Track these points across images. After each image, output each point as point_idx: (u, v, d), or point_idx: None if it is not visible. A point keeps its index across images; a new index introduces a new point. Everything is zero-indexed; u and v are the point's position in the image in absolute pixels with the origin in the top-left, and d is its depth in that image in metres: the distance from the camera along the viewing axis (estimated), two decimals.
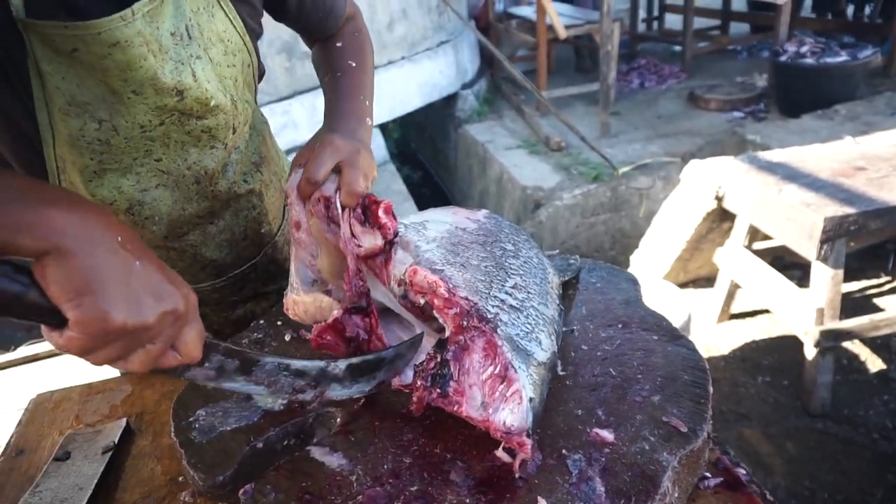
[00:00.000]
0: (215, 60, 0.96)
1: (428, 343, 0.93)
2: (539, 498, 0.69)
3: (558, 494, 0.70)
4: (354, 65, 1.14)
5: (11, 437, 1.08)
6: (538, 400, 0.74)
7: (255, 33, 1.08)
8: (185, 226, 1.07)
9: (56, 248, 0.56)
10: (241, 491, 0.74)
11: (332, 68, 1.15)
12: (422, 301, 0.82)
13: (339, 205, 0.86)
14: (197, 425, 0.87)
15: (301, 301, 0.92)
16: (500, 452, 0.75)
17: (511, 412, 0.71)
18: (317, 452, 0.80)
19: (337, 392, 0.81)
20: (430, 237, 0.91)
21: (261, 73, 1.18)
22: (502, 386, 0.73)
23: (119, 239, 0.62)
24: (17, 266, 0.58)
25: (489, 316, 0.77)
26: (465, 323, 0.76)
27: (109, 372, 1.31)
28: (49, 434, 1.06)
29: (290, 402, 0.88)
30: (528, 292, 0.87)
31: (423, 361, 0.78)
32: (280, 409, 0.89)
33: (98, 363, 0.63)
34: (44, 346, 2.62)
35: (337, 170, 0.89)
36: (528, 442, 0.70)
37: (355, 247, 0.84)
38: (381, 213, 0.82)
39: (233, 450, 0.82)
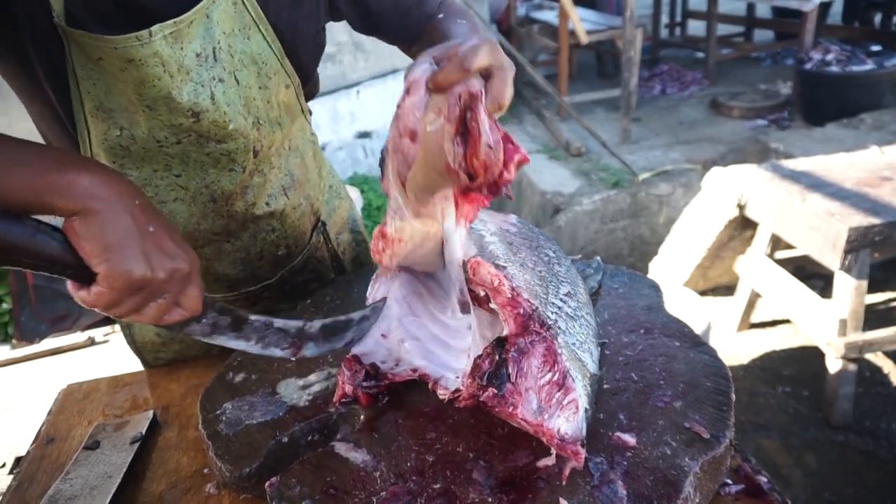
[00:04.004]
0: (244, 83, 0.95)
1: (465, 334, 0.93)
2: (561, 499, 0.70)
3: (580, 496, 0.70)
4: (463, 22, 1.05)
5: (42, 426, 1.11)
6: (591, 411, 0.74)
7: (313, 48, 1.07)
8: (199, 239, 1.08)
9: (86, 209, 0.64)
10: (267, 483, 0.76)
11: (444, 28, 1.06)
12: (481, 293, 0.80)
13: (483, 110, 0.68)
14: (224, 418, 0.89)
15: (407, 227, 0.79)
16: (542, 462, 0.75)
17: (567, 420, 0.72)
18: (341, 448, 0.81)
19: (311, 350, 0.84)
20: (491, 230, 0.90)
21: (314, 90, 1.18)
22: (559, 393, 0.73)
23: (137, 203, 0.69)
24: (52, 227, 0.65)
25: (549, 322, 0.77)
26: (530, 326, 0.75)
27: (135, 365, 1.34)
28: (78, 424, 1.09)
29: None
30: (579, 301, 0.87)
31: (479, 357, 0.77)
32: (305, 405, 0.90)
33: (119, 315, 0.70)
34: (68, 340, 2.67)
35: (485, 74, 0.71)
36: (582, 451, 0.70)
37: (468, 169, 0.69)
38: (515, 155, 0.69)
39: (258, 443, 0.83)
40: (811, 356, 3.23)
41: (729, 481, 0.82)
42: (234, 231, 1.09)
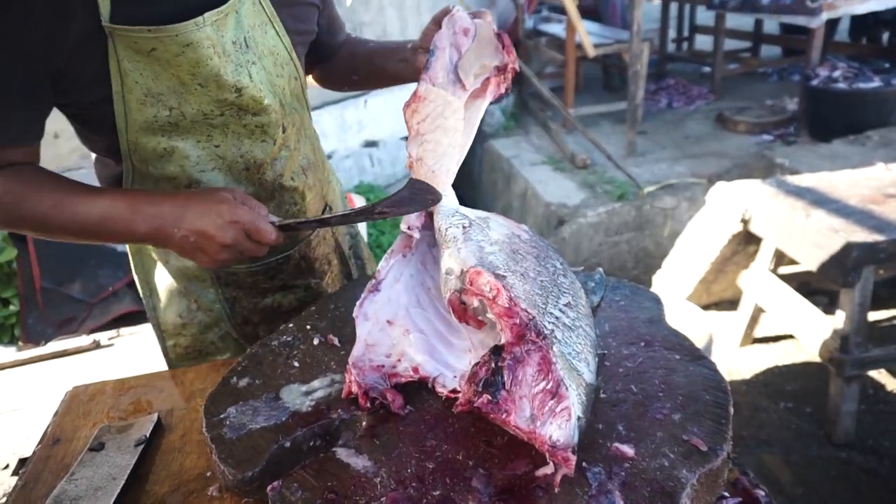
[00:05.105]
0: (267, 69, 1.13)
1: (450, 349, 0.96)
2: None
3: None
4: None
5: (48, 427, 1.12)
6: (584, 420, 0.75)
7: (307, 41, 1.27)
8: None
9: (154, 241, 1.04)
10: (269, 487, 0.77)
11: (363, 41, 1.46)
12: (476, 303, 0.83)
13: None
14: (227, 422, 0.90)
15: (435, 91, 1.02)
16: (541, 471, 0.76)
17: (559, 427, 0.73)
18: (342, 454, 0.82)
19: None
20: (493, 239, 0.92)
21: (303, 89, 1.29)
22: (552, 401, 0.74)
23: (175, 231, 0.99)
24: None
25: (546, 332, 0.78)
26: (525, 335, 0.77)
27: (139, 369, 1.36)
28: (84, 425, 1.10)
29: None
30: (579, 312, 0.88)
31: (476, 365, 0.79)
32: (307, 411, 0.91)
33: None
34: (73, 343, 2.69)
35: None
36: (573, 458, 0.71)
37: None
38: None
39: (261, 447, 0.84)
40: (814, 372, 3.22)
41: (726, 494, 0.82)
42: (263, 200, 1.20)
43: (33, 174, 1.03)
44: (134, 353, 2.44)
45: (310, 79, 1.49)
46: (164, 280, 1.33)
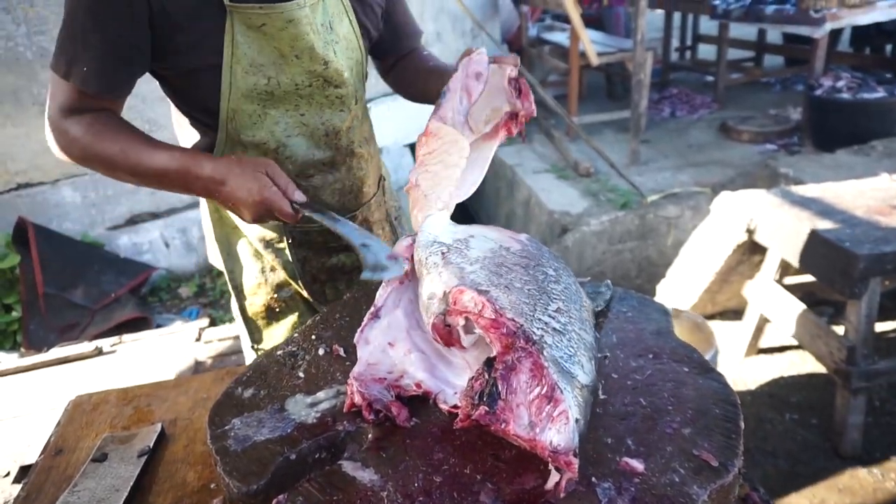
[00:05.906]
0: (345, 50, 1.31)
1: (447, 370, 0.96)
2: None
3: None
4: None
5: (51, 436, 1.11)
6: (583, 421, 0.75)
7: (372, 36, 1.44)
8: (311, 168, 1.38)
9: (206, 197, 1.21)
10: (274, 501, 0.76)
11: (428, 58, 1.57)
12: (461, 322, 0.83)
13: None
14: (232, 434, 0.89)
15: (445, 129, 1.10)
16: (549, 483, 0.75)
17: (558, 432, 0.72)
18: (348, 467, 0.81)
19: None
20: (473, 258, 0.94)
21: (365, 74, 1.49)
22: (549, 406, 0.74)
23: (216, 195, 1.17)
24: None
25: (534, 338, 0.78)
26: (515, 343, 0.77)
27: (142, 376, 1.35)
28: (87, 435, 1.10)
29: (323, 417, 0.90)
30: (570, 317, 0.88)
31: (472, 379, 0.79)
32: (313, 422, 0.90)
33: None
34: (75, 349, 2.68)
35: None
36: (575, 461, 0.71)
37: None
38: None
39: (267, 459, 0.83)
40: (820, 383, 3.20)
41: None
42: (338, 163, 1.40)
43: (110, 120, 1.19)
44: (136, 359, 2.43)
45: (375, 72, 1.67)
46: (242, 245, 1.48)
